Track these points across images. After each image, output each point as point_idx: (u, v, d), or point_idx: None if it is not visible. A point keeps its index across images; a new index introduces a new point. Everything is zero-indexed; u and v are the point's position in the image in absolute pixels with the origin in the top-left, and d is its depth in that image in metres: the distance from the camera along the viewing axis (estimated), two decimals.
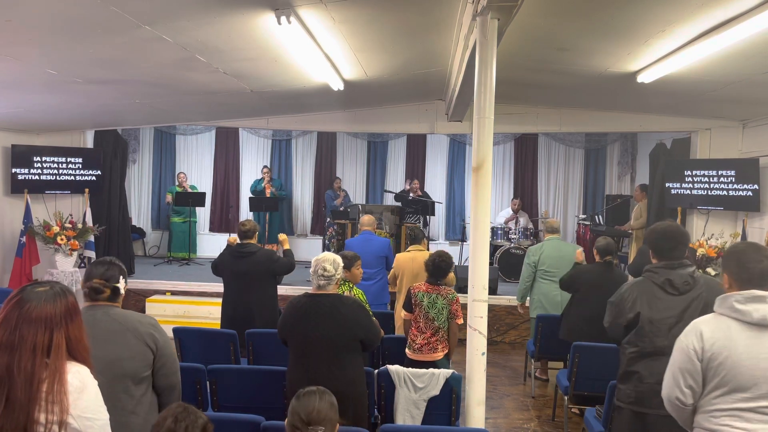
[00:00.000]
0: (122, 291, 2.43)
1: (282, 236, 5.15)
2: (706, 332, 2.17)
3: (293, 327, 3.12)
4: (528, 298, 5.71)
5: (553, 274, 5.42)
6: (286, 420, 2.20)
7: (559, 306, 5.34)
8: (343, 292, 4.05)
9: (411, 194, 9.20)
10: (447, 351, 4.08)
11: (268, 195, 9.55)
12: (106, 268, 2.41)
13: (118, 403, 2.25)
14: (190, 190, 9.64)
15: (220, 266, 4.92)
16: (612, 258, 4.76)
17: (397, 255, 5.35)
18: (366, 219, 5.73)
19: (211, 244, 10.52)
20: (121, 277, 2.43)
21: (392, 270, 5.25)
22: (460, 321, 4.05)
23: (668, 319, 2.73)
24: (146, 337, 2.37)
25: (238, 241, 4.90)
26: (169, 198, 9.60)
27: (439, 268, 4.06)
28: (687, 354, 2.18)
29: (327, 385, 2.94)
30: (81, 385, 1.78)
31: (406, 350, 4.09)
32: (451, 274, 4.95)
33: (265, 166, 10.03)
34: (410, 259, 5.10)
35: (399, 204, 8.82)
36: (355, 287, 4.20)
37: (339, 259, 3.21)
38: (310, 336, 3.05)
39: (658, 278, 2.80)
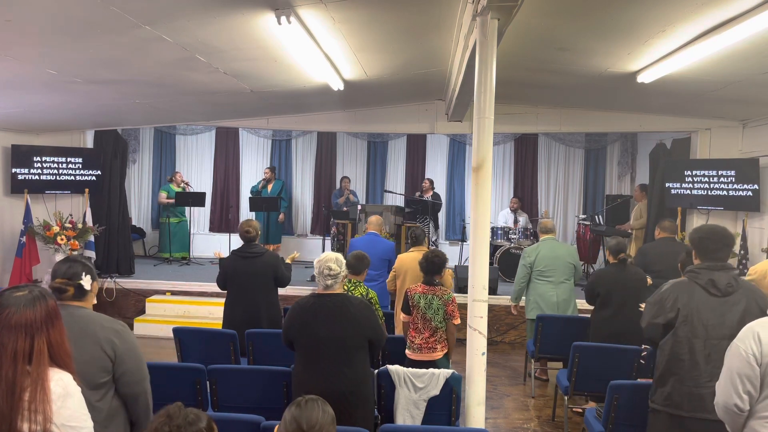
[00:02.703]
0: (88, 288, 2.32)
1: (292, 255, 5.16)
2: (764, 336, 2.13)
3: (301, 327, 3.08)
4: (523, 298, 5.71)
5: (549, 274, 5.42)
6: (279, 427, 2.02)
7: (555, 306, 5.34)
8: (361, 294, 4.07)
9: (420, 194, 9.20)
10: (446, 351, 4.08)
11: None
12: (68, 266, 2.31)
13: None
14: (189, 189, 9.62)
15: (228, 273, 4.78)
16: (626, 255, 4.75)
17: (399, 255, 5.28)
18: (374, 219, 5.58)
19: (211, 245, 10.52)
20: (85, 273, 2.31)
21: (393, 270, 5.21)
22: (457, 321, 4.06)
23: (707, 320, 2.68)
24: (104, 342, 2.24)
25: (225, 254, 4.96)
26: (163, 196, 9.50)
27: (432, 263, 4.05)
28: (745, 359, 2.15)
29: (337, 385, 2.95)
30: (64, 392, 1.74)
31: (407, 351, 4.09)
32: (448, 277, 4.96)
33: (267, 167, 9.90)
34: (414, 260, 5.00)
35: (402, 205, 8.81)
36: (370, 290, 4.22)
37: (341, 256, 3.21)
38: (320, 336, 3.03)
39: (701, 279, 2.75)
